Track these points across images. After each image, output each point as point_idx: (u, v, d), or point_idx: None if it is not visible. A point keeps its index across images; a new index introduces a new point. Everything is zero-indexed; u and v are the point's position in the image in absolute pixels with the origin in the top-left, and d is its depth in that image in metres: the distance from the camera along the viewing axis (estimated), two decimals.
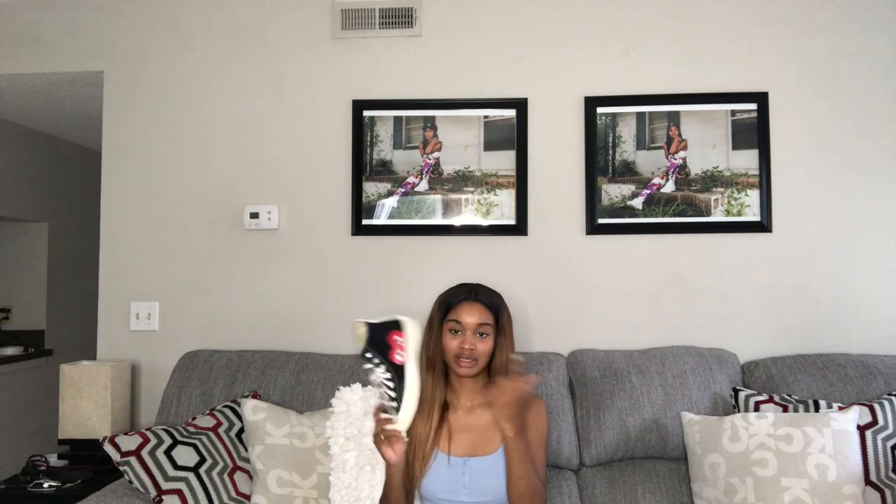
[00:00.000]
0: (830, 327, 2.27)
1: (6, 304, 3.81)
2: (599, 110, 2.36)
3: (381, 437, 1.46)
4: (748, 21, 2.36)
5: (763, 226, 2.30)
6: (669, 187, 2.33)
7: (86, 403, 2.24)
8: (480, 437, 1.62)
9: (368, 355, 1.49)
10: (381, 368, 1.48)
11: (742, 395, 1.96)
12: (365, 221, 2.40)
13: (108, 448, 1.79)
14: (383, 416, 1.47)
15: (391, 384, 1.47)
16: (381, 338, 1.50)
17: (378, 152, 2.41)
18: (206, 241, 2.45)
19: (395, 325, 1.51)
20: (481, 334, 1.59)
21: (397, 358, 1.48)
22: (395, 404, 1.46)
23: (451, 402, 1.68)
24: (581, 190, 2.37)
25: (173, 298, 2.45)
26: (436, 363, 1.66)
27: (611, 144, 2.36)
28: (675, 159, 2.34)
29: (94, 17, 2.53)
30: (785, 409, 1.88)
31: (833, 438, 1.74)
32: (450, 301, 1.63)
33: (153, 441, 1.82)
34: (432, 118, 2.41)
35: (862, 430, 1.80)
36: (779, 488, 1.70)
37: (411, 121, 2.41)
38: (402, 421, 1.46)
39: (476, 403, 1.66)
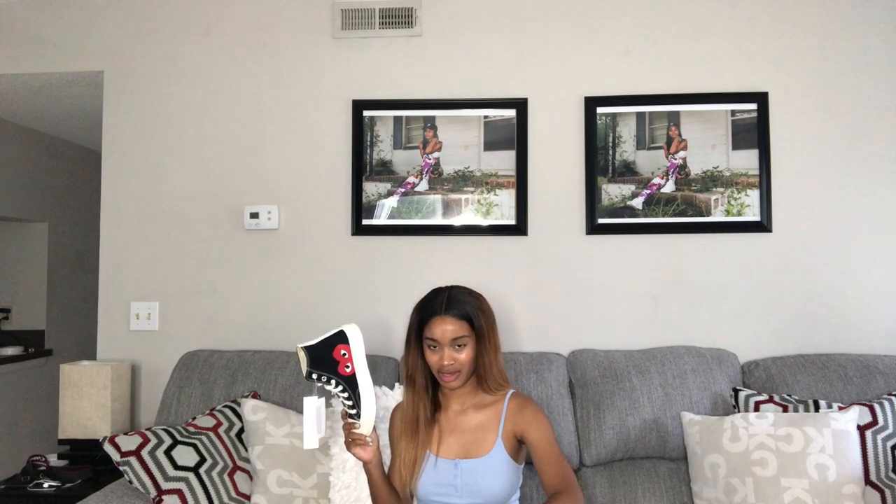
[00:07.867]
0: (830, 327, 2.27)
1: (6, 304, 3.81)
2: (599, 110, 2.36)
3: (350, 440, 1.53)
4: (748, 21, 2.36)
5: (763, 226, 2.30)
6: (669, 187, 2.33)
7: (86, 403, 2.24)
8: (472, 438, 1.60)
9: (314, 376, 1.53)
10: (332, 384, 1.52)
11: (742, 395, 1.96)
12: (365, 221, 2.40)
13: (108, 448, 1.80)
14: (349, 420, 1.54)
15: (345, 395, 1.52)
16: (326, 355, 1.53)
17: (378, 152, 2.41)
18: (206, 241, 2.45)
19: (339, 339, 1.53)
20: (458, 346, 1.56)
21: (346, 370, 1.52)
22: (355, 411, 1.52)
23: (442, 403, 1.67)
24: (581, 190, 2.37)
25: (173, 298, 2.45)
26: (415, 378, 1.64)
27: (611, 144, 2.36)
28: (675, 159, 2.34)
29: (94, 17, 2.53)
30: (785, 409, 1.88)
31: (833, 438, 1.74)
32: (422, 316, 1.59)
33: (153, 441, 1.82)
34: (432, 118, 2.40)
35: (862, 430, 1.80)
36: (779, 488, 1.70)
37: (411, 121, 2.41)
38: (365, 425, 1.52)
39: (467, 405, 1.65)
